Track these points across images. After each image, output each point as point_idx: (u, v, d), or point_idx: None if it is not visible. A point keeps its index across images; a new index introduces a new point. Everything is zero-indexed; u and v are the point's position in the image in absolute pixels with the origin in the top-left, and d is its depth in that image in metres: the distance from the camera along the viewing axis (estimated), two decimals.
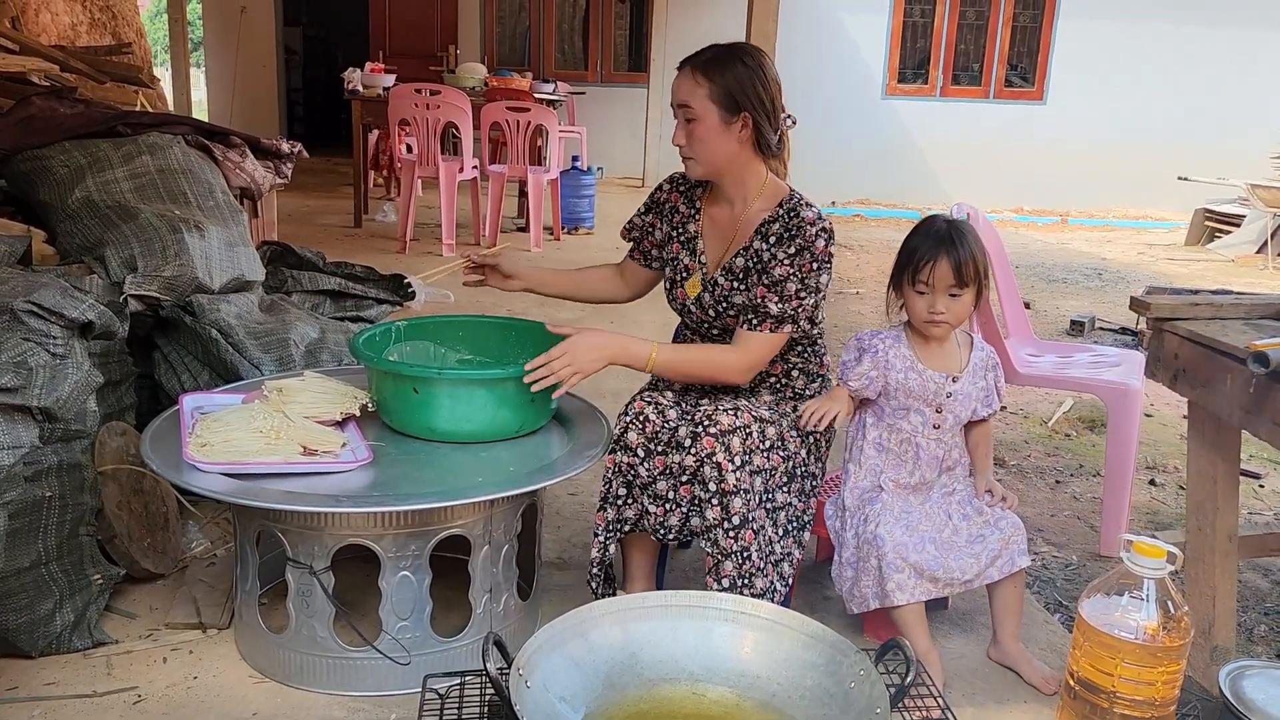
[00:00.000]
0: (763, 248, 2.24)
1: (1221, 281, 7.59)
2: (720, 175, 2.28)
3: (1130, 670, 1.85)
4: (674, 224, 2.40)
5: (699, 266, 2.35)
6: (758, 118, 2.19)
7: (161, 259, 2.73)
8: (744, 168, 2.26)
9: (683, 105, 2.20)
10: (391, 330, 2.42)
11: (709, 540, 2.12)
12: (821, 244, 2.20)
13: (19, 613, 2.08)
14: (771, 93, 2.21)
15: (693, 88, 2.18)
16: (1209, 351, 2.13)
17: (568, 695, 1.52)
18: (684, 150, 2.24)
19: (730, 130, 2.19)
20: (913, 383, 2.22)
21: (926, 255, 2.15)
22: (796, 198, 2.26)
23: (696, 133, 2.20)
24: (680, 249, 2.39)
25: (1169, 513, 3.41)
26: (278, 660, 2.12)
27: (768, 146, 2.24)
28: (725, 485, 2.08)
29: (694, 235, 2.36)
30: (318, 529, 2.02)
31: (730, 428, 2.09)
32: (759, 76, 2.19)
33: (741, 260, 2.27)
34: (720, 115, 2.18)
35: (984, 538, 2.19)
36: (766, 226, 2.25)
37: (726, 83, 2.17)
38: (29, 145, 3.06)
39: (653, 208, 2.45)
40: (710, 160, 2.23)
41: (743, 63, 2.18)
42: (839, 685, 1.53)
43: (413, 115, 6.82)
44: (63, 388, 2.00)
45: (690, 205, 2.39)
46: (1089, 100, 11.24)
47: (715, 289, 2.30)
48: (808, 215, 2.22)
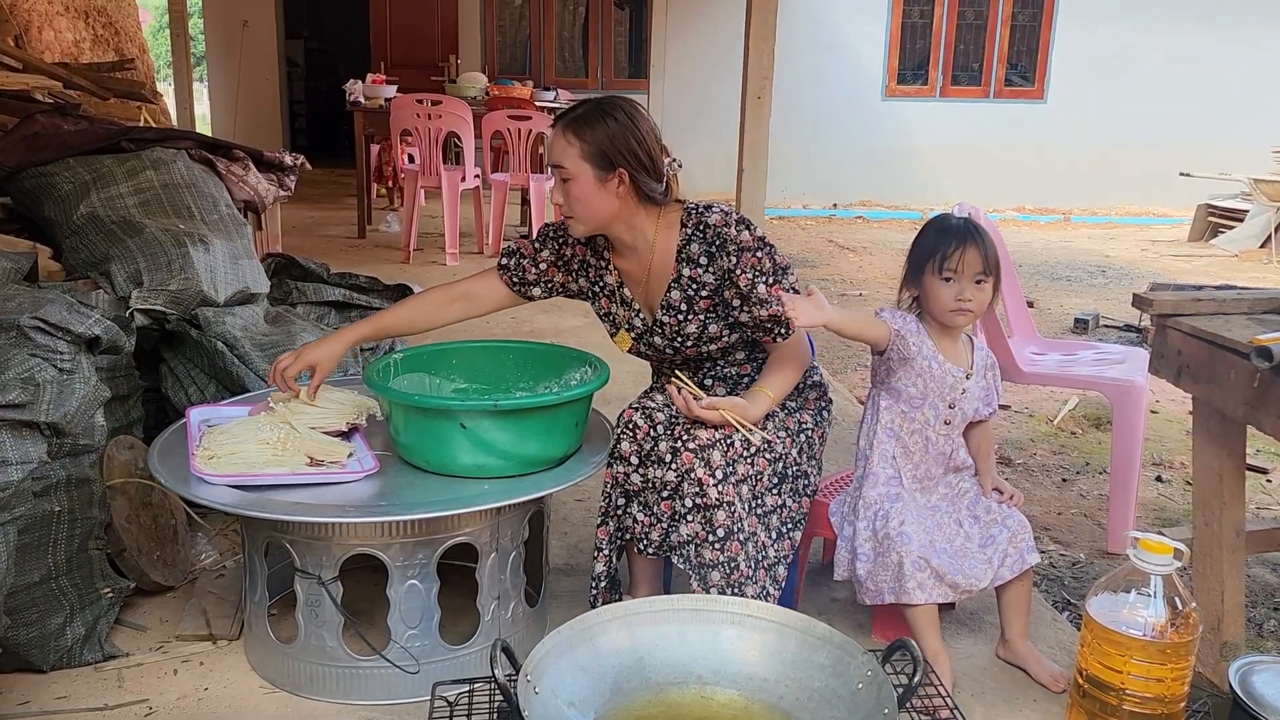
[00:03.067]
0: (696, 272, 2.22)
1: (1225, 277, 7.58)
2: (607, 230, 2.24)
3: (1139, 667, 1.85)
4: (590, 279, 2.37)
5: (634, 314, 2.33)
6: (634, 171, 2.15)
7: (167, 273, 2.75)
8: (631, 219, 2.22)
9: (556, 166, 2.16)
10: (390, 364, 2.36)
11: (682, 557, 2.12)
12: (747, 234, 2.17)
13: (30, 627, 2.09)
14: (648, 145, 2.16)
15: (564, 147, 2.14)
16: (1212, 347, 2.13)
17: (576, 701, 1.53)
18: (564, 209, 2.21)
19: (607, 187, 2.15)
20: (935, 372, 2.23)
21: (954, 243, 2.15)
22: (693, 210, 2.23)
23: (573, 192, 2.16)
24: (609, 302, 2.36)
25: (1176, 509, 3.41)
26: (287, 670, 2.13)
27: (649, 197, 2.20)
28: (707, 499, 2.07)
29: (615, 286, 2.34)
30: (325, 539, 2.03)
31: (709, 441, 2.09)
32: (631, 130, 2.15)
33: (677, 293, 2.24)
34: (595, 174, 2.14)
35: (994, 538, 2.19)
36: (684, 250, 2.22)
37: (598, 140, 2.13)
38: (34, 162, 3.08)
39: (560, 264, 2.37)
40: (590, 219, 2.20)
41: (613, 118, 2.14)
42: (846, 686, 1.53)
43: (414, 125, 6.85)
44: (70, 403, 2.01)
45: (599, 258, 2.35)
46: (1090, 98, 11.23)
47: (664, 328, 2.28)
48: (715, 219, 2.19)
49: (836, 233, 9.86)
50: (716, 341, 2.27)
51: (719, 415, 2.11)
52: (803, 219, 10.76)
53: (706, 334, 2.26)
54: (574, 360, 2.43)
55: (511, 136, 7.01)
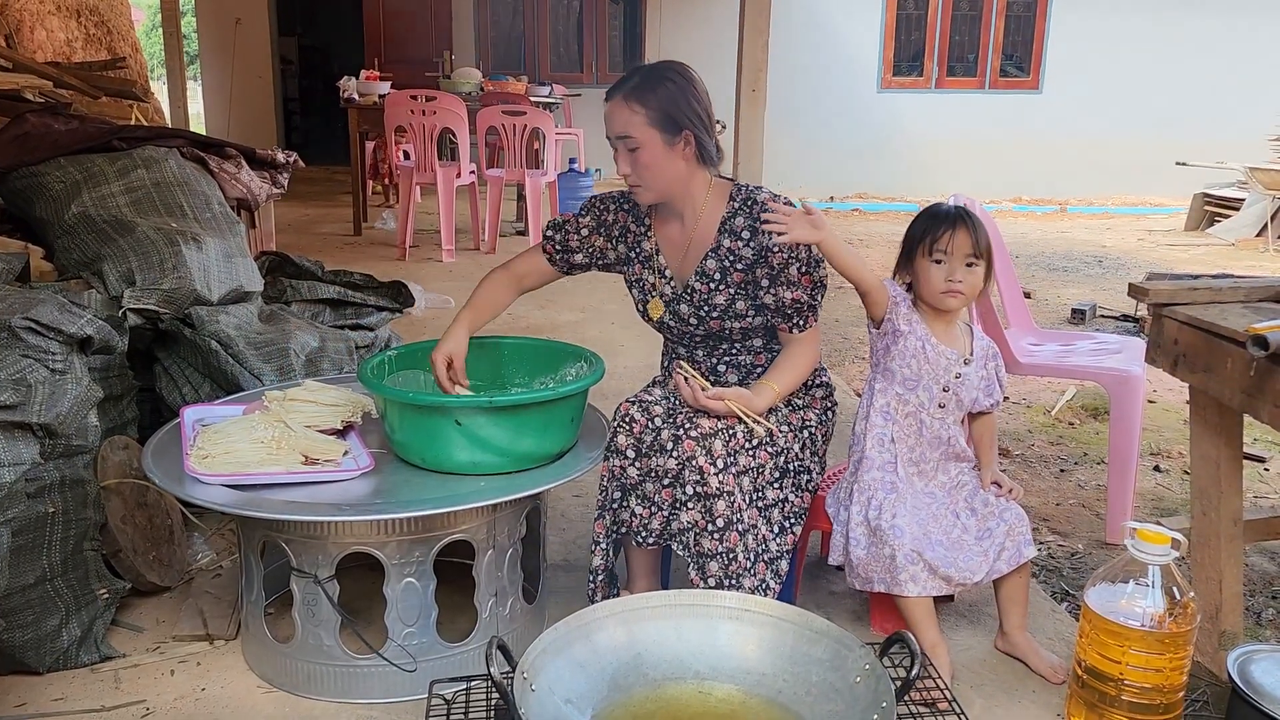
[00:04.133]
0: (736, 244, 2.24)
1: (1222, 265, 7.58)
2: (671, 197, 2.26)
3: (1137, 657, 1.85)
4: (629, 244, 2.38)
5: (664, 281, 2.34)
6: (698, 132, 2.17)
7: (159, 272, 2.73)
8: (690, 182, 2.25)
9: (622, 136, 2.16)
10: (385, 362, 2.35)
11: (682, 544, 2.13)
12: None
13: (25, 629, 2.08)
14: (704, 104, 2.19)
15: (629, 116, 2.15)
16: (1208, 336, 2.12)
17: (573, 697, 1.52)
18: (630, 179, 2.21)
19: (675, 151, 2.17)
20: (928, 354, 2.22)
21: (944, 226, 2.18)
22: (745, 187, 2.27)
23: (642, 160, 2.16)
24: (641, 269, 2.37)
25: (1174, 499, 3.40)
26: (285, 670, 2.12)
27: (709, 157, 2.22)
28: (707, 488, 2.08)
29: (651, 253, 2.35)
30: (321, 538, 2.02)
31: (712, 430, 2.09)
32: (690, 90, 2.17)
33: (713, 262, 2.26)
34: (663, 139, 2.15)
35: (991, 531, 2.19)
36: (729, 222, 2.25)
37: (662, 104, 2.14)
38: (24, 162, 3.06)
39: (600, 229, 2.39)
40: (660, 185, 2.21)
41: (671, 81, 2.16)
42: (844, 680, 1.53)
43: (409, 122, 6.83)
44: (62, 403, 2.00)
45: (640, 224, 2.36)
46: (1085, 88, 11.22)
47: (694, 295, 2.29)
48: (764, 197, 2.23)
49: (834, 225, 9.82)
50: (741, 319, 2.28)
51: (724, 405, 2.11)
52: None
53: (734, 309, 2.27)
54: (569, 356, 2.42)
55: (506, 132, 7.00)
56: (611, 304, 5.37)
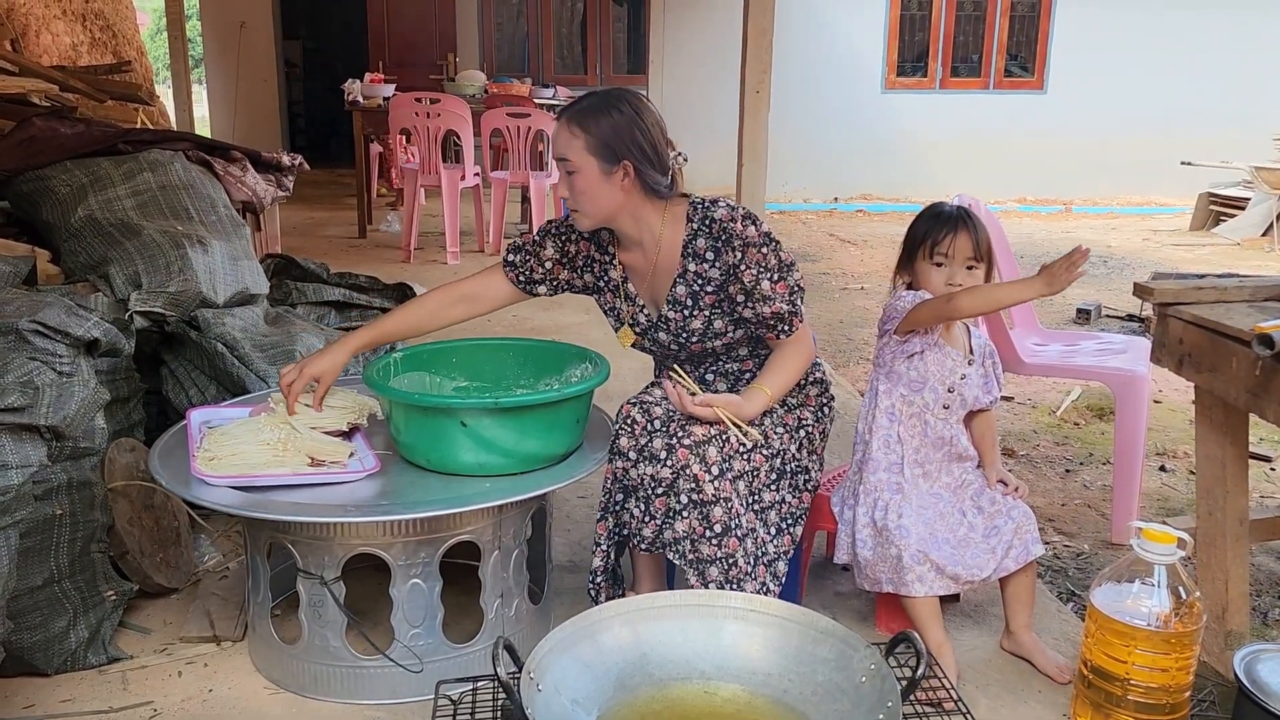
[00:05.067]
0: (702, 267, 2.20)
1: (1228, 265, 7.56)
2: (612, 223, 2.23)
3: (1143, 657, 1.85)
4: (595, 274, 2.36)
5: (638, 308, 2.32)
6: (639, 164, 2.13)
7: (165, 275, 2.74)
8: (637, 212, 2.20)
9: (561, 159, 2.15)
10: (390, 364, 2.35)
11: (677, 553, 2.12)
12: (753, 229, 2.15)
13: (33, 631, 2.09)
14: (652, 137, 2.14)
15: (569, 140, 2.13)
16: (1214, 335, 2.12)
17: (580, 698, 1.53)
18: (569, 202, 2.20)
19: (612, 180, 2.14)
20: (933, 356, 2.23)
21: (945, 229, 2.18)
22: (699, 205, 2.21)
23: (578, 185, 2.14)
24: (613, 297, 2.35)
25: (1180, 499, 3.40)
26: (292, 671, 2.13)
27: (654, 190, 2.18)
28: (703, 496, 2.07)
29: (619, 281, 2.33)
30: (327, 539, 2.03)
31: (705, 438, 2.09)
32: (636, 123, 2.12)
33: (683, 288, 2.23)
34: (600, 166, 2.12)
35: (998, 529, 2.19)
36: (690, 246, 2.21)
37: (603, 132, 2.10)
38: (31, 166, 3.07)
39: (565, 261, 2.36)
40: (595, 211, 2.18)
41: (618, 110, 2.12)
42: (850, 680, 1.53)
43: (413, 124, 6.84)
44: (70, 406, 2.01)
45: (604, 253, 2.34)
46: (1090, 88, 11.20)
47: (669, 324, 2.27)
48: (721, 214, 2.17)
49: (838, 226, 9.85)
50: (721, 337, 2.27)
51: (713, 412, 2.10)
52: (803, 213, 10.75)
53: (711, 330, 2.25)
54: (574, 357, 2.42)
55: (511, 134, 7.01)
56: None
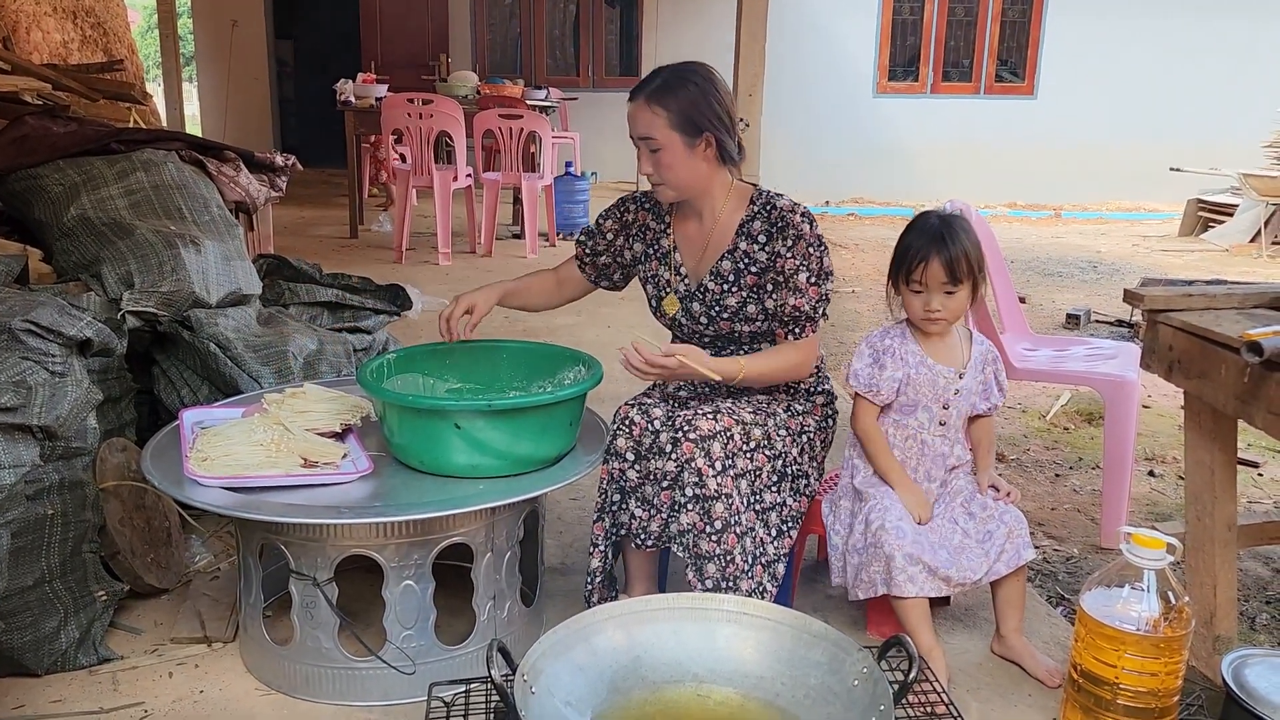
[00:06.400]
0: (752, 248, 2.26)
1: (1216, 271, 7.61)
2: (693, 195, 2.29)
3: (1133, 661, 1.86)
4: (647, 241, 2.41)
5: (679, 279, 2.36)
6: (719, 134, 2.20)
7: (158, 275, 2.74)
8: (711, 181, 2.27)
9: (645, 138, 2.20)
10: (384, 365, 2.35)
11: (681, 545, 2.14)
12: (808, 227, 2.23)
13: (24, 631, 2.08)
14: (726, 105, 2.21)
15: (651, 119, 2.18)
16: (1203, 342, 2.13)
17: (573, 700, 1.53)
18: (653, 178, 2.25)
19: (696, 152, 2.20)
20: (923, 378, 2.24)
21: (919, 255, 2.18)
22: (766, 192, 2.29)
23: (664, 161, 2.20)
24: (658, 265, 2.39)
25: (1169, 503, 3.42)
26: (283, 672, 2.13)
27: (730, 157, 2.25)
28: (705, 490, 2.09)
29: (669, 250, 2.37)
30: (320, 540, 2.03)
31: (710, 433, 2.11)
32: (712, 93, 2.19)
33: (729, 263, 2.28)
34: (684, 140, 2.18)
35: (991, 534, 2.20)
36: (747, 225, 2.27)
37: (683, 107, 2.17)
38: (23, 164, 3.06)
39: (622, 230, 2.44)
40: (682, 185, 2.24)
41: (694, 83, 2.18)
42: (842, 683, 1.54)
43: (406, 125, 6.83)
44: (62, 405, 2.00)
45: (660, 221, 2.40)
46: (1080, 94, 11.26)
47: (706, 295, 2.31)
48: (784, 204, 2.25)
49: (829, 230, 9.87)
50: (751, 323, 2.29)
51: (676, 361, 2.10)
52: None
53: (744, 312, 2.28)
54: (567, 359, 2.43)
55: (503, 135, 7.00)
56: (607, 307, 5.37)
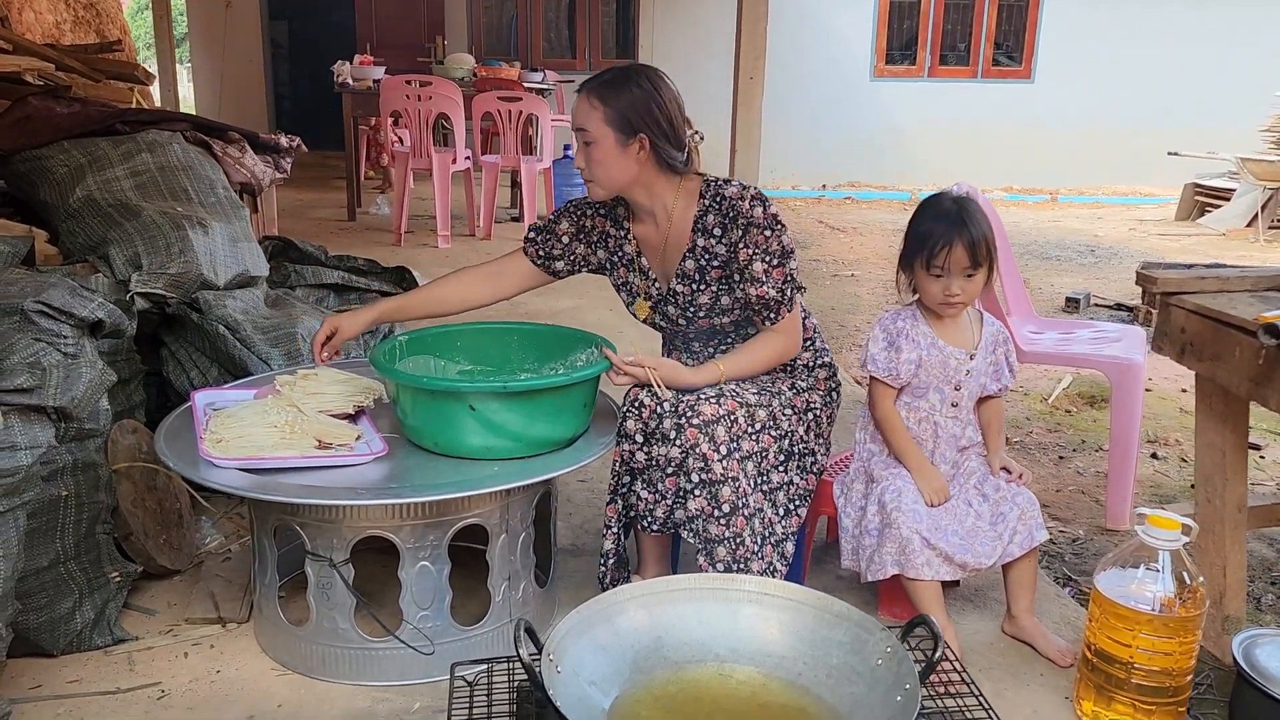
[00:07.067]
0: (709, 242, 2.24)
1: (1213, 255, 7.63)
2: (625, 194, 2.27)
3: (1147, 641, 1.87)
4: (610, 249, 2.40)
5: (650, 282, 2.35)
6: (655, 138, 2.18)
7: (166, 256, 2.73)
8: (651, 185, 2.25)
9: (579, 129, 2.19)
10: (395, 347, 2.35)
11: (691, 531, 2.15)
12: (760, 210, 2.19)
13: (39, 612, 2.08)
14: (669, 112, 2.19)
15: (588, 111, 2.18)
16: (1217, 325, 2.14)
17: (597, 680, 1.54)
18: (584, 173, 2.24)
19: (628, 152, 2.18)
20: (934, 360, 2.24)
21: (940, 240, 2.16)
22: (713, 182, 2.27)
23: (594, 156, 2.19)
24: (626, 271, 2.39)
25: (1172, 485, 3.44)
26: (299, 653, 2.13)
27: (670, 165, 2.22)
28: (712, 475, 2.10)
29: (633, 255, 2.36)
30: (336, 522, 2.03)
31: (714, 417, 2.11)
32: (654, 98, 2.17)
33: (692, 262, 2.27)
34: (617, 138, 2.17)
35: (1004, 516, 2.20)
36: (700, 221, 2.25)
37: (622, 106, 2.16)
38: (27, 145, 3.04)
39: (579, 235, 2.40)
40: (610, 182, 2.23)
41: (638, 85, 2.17)
42: (865, 663, 1.55)
43: (404, 107, 6.80)
44: (77, 387, 2.00)
45: (619, 228, 2.37)
46: (1077, 78, 11.26)
47: (678, 298, 2.31)
48: (732, 192, 2.22)
49: (826, 214, 9.86)
50: (729, 314, 2.29)
51: (643, 372, 2.16)
52: (792, 200, 10.76)
53: (719, 305, 2.27)
54: (579, 341, 2.42)
55: (502, 118, 6.97)
56: (608, 290, 5.34)
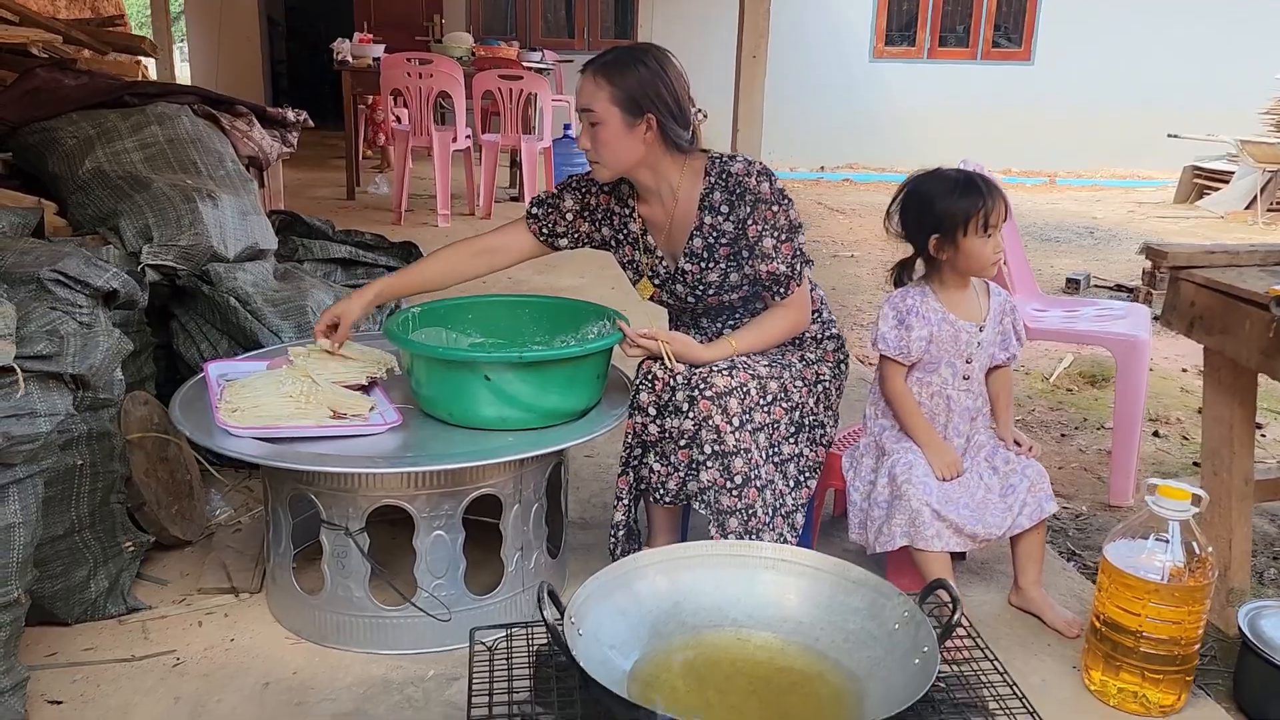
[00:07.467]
0: (717, 220, 2.24)
1: (1212, 237, 7.64)
2: (631, 175, 2.27)
3: (1156, 610, 1.90)
4: (614, 227, 2.39)
5: (656, 261, 2.35)
6: (661, 118, 2.17)
7: (176, 228, 2.72)
8: (657, 165, 2.24)
9: (585, 109, 2.18)
10: (408, 319, 2.35)
11: (703, 503, 2.17)
12: (766, 186, 2.20)
13: (54, 580, 2.10)
14: (675, 91, 2.18)
15: (594, 91, 2.16)
16: (1227, 298, 2.16)
17: (617, 644, 1.55)
18: (589, 154, 2.23)
19: (634, 132, 2.17)
20: (945, 335, 2.25)
21: (990, 198, 2.17)
22: (718, 159, 2.26)
23: (600, 136, 2.18)
24: (631, 250, 2.38)
25: (1174, 462, 3.46)
26: (314, 621, 2.15)
27: (676, 144, 2.22)
28: (724, 447, 2.11)
29: (639, 233, 2.36)
30: (351, 491, 2.04)
31: (726, 389, 2.12)
32: (661, 77, 2.17)
33: (699, 240, 2.27)
34: (623, 118, 2.16)
35: (1014, 487, 2.22)
36: (707, 199, 2.25)
37: (629, 85, 2.15)
38: (35, 117, 3.03)
39: (584, 212, 2.39)
40: (616, 163, 2.22)
41: (644, 64, 2.16)
42: (882, 628, 1.56)
43: (405, 85, 6.77)
44: (95, 355, 2.00)
45: (624, 205, 2.37)
46: (1077, 61, 11.22)
47: (686, 276, 2.31)
48: (738, 169, 2.22)
49: (825, 195, 9.86)
50: (738, 290, 2.29)
51: (656, 345, 2.16)
52: (790, 181, 10.74)
53: (728, 282, 2.28)
54: (591, 314, 2.44)
55: (502, 97, 6.95)
56: (612, 268, 5.32)
